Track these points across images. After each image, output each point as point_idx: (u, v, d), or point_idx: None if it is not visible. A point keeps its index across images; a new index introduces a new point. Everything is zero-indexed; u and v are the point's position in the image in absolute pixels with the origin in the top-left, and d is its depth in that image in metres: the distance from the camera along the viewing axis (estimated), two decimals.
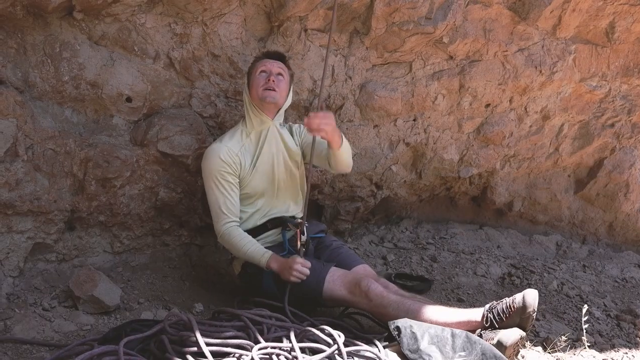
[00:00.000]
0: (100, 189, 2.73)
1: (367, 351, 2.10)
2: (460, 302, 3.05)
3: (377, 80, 3.29)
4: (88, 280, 2.47)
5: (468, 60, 3.40)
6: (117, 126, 2.78)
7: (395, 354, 2.16)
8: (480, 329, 2.25)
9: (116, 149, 2.72)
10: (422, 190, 3.94)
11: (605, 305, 3.19)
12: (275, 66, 2.64)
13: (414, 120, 3.51)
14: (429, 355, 2.08)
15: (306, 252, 2.58)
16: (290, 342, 2.04)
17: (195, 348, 1.92)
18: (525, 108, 3.73)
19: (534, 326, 2.67)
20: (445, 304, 2.62)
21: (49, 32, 2.51)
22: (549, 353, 2.44)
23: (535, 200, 4.23)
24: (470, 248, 3.87)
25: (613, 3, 3.39)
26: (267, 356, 1.96)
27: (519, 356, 2.29)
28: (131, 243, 2.99)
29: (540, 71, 3.52)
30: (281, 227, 2.71)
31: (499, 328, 2.20)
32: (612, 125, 4.03)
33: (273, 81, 2.59)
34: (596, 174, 4.21)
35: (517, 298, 2.21)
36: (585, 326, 2.48)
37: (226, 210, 2.60)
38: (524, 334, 2.19)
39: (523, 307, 2.18)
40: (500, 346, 2.12)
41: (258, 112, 2.65)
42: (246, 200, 2.68)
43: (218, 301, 2.76)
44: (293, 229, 2.66)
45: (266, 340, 2.05)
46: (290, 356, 1.99)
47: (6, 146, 2.40)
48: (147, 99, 2.79)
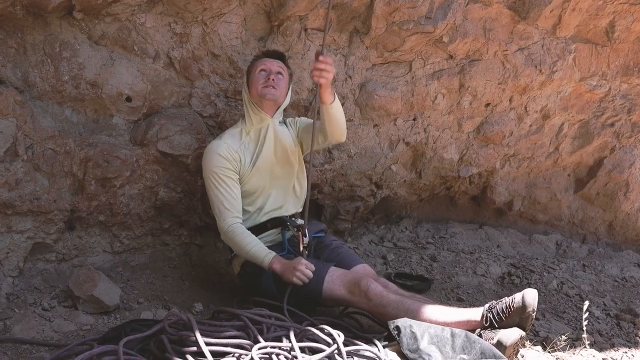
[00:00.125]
0: (100, 189, 2.73)
1: (367, 351, 2.10)
2: (460, 302, 3.04)
3: (377, 79, 3.28)
4: (88, 280, 2.47)
5: (468, 59, 3.40)
6: (117, 126, 2.78)
7: (394, 354, 2.16)
8: (479, 329, 2.25)
9: (116, 149, 2.72)
10: (422, 189, 3.94)
11: (605, 304, 3.19)
12: (274, 65, 2.64)
13: (414, 119, 3.51)
14: (429, 354, 2.08)
15: (309, 254, 2.58)
16: (289, 342, 2.04)
17: (194, 348, 1.92)
18: (525, 107, 3.72)
19: (534, 325, 2.67)
20: (444, 304, 2.61)
21: (49, 32, 2.51)
22: (549, 352, 2.44)
23: (535, 199, 4.22)
24: (470, 247, 3.86)
25: (613, 2, 3.38)
26: (267, 356, 1.96)
27: (519, 356, 2.29)
28: (131, 243, 2.99)
29: (540, 70, 3.52)
30: (281, 227, 2.71)
31: (499, 328, 2.20)
32: (612, 124, 4.03)
33: (273, 79, 2.60)
34: (596, 173, 4.20)
35: (517, 297, 2.21)
36: (584, 323, 2.47)
37: (229, 206, 2.58)
38: (524, 334, 2.19)
39: (523, 307, 2.18)
40: (500, 346, 2.11)
41: (257, 110, 2.66)
42: (246, 198, 2.68)
43: (218, 301, 2.76)
44: (294, 231, 2.65)
45: (266, 340, 2.05)
46: (289, 356, 1.99)
47: (6, 146, 2.40)
48: (147, 99, 2.79)
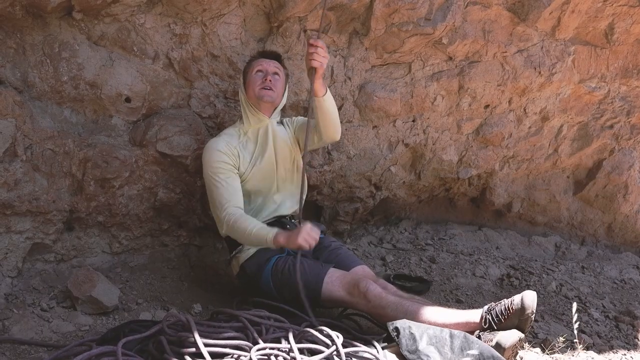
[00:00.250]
0: (99, 189, 2.73)
1: (366, 352, 2.10)
2: (459, 303, 3.04)
3: (377, 81, 3.28)
4: (86, 280, 2.47)
5: (467, 61, 3.40)
6: (116, 126, 2.78)
7: (393, 355, 2.15)
8: (478, 330, 2.25)
9: (115, 149, 2.72)
10: (421, 191, 3.94)
11: (603, 306, 3.19)
12: (271, 65, 2.65)
13: (413, 121, 3.51)
14: (428, 355, 2.08)
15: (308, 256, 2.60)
16: (288, 343, 2.04)
17: (193, 349, 1.92)
18: (524, 109, 3.73)
19: (533, 327, 2.67)
20: (443, 305, 2.61)
21: (48, 32, 2.50)
22: (548, 354, 2.44)
23: (534, 201, 4.22)
24: (469, 249, 3.86)
25: (612, 4, 3.39)
26: (266, 357, 1.96)
27: (518, 357, 2.28)
28: (130, 243, 2.99)
29: (539, 72, 3.52)
30: (280, 228, 2.70)
31: (498, 329, 2.19)
32: (611, 126, 4.03)
33: (270, 80, 2.61)
34: (595, 175, 4.21)
35: (516, 299, 2.21)
36: (576, 325, 2.46)
37: (229, 197, 2.55)
38: (523, 336, 2.18)
39: (522, 309, 2.18)
40: (498, 347, 2.11)
41: (255, 111, 2.66)
42: (245, 198, 2.67)
43: (217, 302, 2.75)
44: (295, 216, 2.63)
45: (265, 341, 2.04)
46: (288, 357, 1.98)
47: (5, 146, 2.39)
48: (146, 100, 2.79)
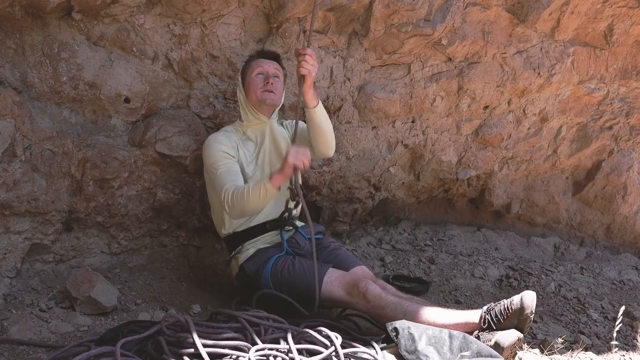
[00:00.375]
0: (98, 190, 2.73)
1: (365, 353, 2.10)
2: (457, 304, 3.04)
3: (376, 81, 3.28)
4: (85, 281, 2.47)
5: (467, 62, 3.41)
6: (115, 127, 2.78)
7: (392, 356, 2.16)
8: (477, 331, 2.25)
9: (114, 150, 2.72)
10: (420, 192, 3.94)
11: (602, 307, 3.19)
12: (271, 67, 2.65)
13: (413, 122, 3.51)
14: (427, 356, 2.08)
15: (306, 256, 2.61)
16: (287, 344, 2.04)
17: (192, 349, 1.92)
18: (523, 110, 3.73)
19: (532, 328, 2.67)
20: (443, 306, 2.61)
21: (48, 33, 2.50)
22: (547, 355, 2.44)
23: (533, 202, 4.23)
24: (468, 250, 3.86)
25: (611, 5, 3.39)
26: (264, 358, 1.96)
27: (516, 358, 2.29)
28: (129, 244, 2.99)
29: (538, 73, 3.52)
30: (279, 228, 2.70)
31: (497, 330, 2.20)
32: (610, 127, 4.03)
33: (271, 83, 2.61)
34: (594, 176, 4.21)
35: (515, 300, 2.21)
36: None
37: (228, 178, 2.50)
38: (522, 336, 2.19)
39: (521, 309, 2.18)
40: (497, 347, 2.11)
41: (255, 113, 2.66)
42: None
43: (215, 302, 2.75)
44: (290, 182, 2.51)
45: (263, 341, 2.05)
46: (287, 358, 1.98)
47: (4, 146, 2.39)
48: (146, 100, 2.79)
